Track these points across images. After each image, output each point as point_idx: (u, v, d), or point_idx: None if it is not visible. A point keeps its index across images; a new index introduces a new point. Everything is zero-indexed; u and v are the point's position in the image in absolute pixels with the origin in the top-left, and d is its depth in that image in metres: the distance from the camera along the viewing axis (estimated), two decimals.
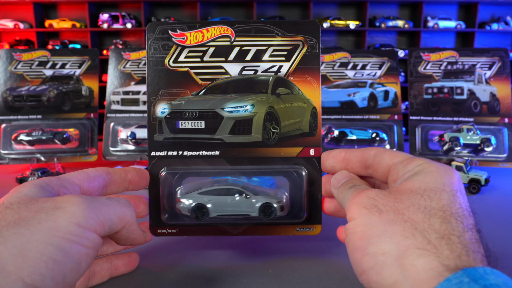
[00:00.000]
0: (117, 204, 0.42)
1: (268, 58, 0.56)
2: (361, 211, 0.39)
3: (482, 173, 0.98)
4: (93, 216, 0.37)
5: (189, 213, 0.54)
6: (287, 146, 0.56)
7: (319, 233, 0.56)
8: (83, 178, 0.46)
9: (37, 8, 4.27)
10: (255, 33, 0.56)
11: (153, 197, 0.55)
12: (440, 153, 1.10)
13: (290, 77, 0.56)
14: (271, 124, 0.56)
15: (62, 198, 0.38)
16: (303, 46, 0.56)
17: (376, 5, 4.39)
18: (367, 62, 1.21)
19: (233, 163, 0.55)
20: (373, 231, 0.37)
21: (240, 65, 0.56)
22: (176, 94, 0.56)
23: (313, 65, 0.56)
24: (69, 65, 1.18)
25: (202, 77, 0.56)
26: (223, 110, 0.56)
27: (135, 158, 1.12)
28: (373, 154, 0.48)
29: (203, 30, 0.56)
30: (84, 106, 1.16)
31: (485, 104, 1.11)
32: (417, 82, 1.16)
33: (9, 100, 1.12)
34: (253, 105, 0.57)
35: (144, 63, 1.20)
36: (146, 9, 4.27)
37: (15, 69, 1.14)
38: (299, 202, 0.56)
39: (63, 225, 0.35)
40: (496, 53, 1.13)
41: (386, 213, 0.37)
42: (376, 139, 1.12)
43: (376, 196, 0.40)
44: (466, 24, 4.34)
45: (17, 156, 1.09)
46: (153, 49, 0.56)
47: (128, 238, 0.45)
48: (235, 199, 0.54)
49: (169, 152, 0.55)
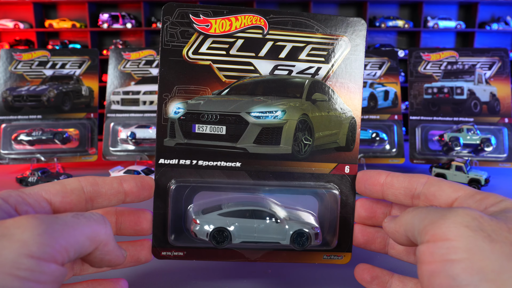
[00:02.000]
0: (86, 221, 0.34)
1: (305, 58, 0.49)
2: (462, 232, 0.30)
3: (482, 173, 0.98)
4: (51, 242, 0.30)
5: (208, 238, 0.46)
6: (319, 161, 0.48)
7: (348, 262, 0.49)
8: (56, 191, 0.39)
9: (37, 8, 4.27)
10: (293, 26, 0.48)
11: (159, 214, 0.47)
12: (440, 153, 1.10)
13: (328, 82, 0.49)
14: (304, 135, 0.49)
15: (13, 221, 0.30)
16: (346, 46, 0.48)
17: (376, 5, 4.39)
18: (367, 62, 1.21)
19: (256, 177, 0.48)
20: (485, 263, 0.28)
21: (273, 63, 0.49)
22: (194, 92, 0.48)
23: (355, 69, 0.49)
24: (69, 65, 1.18)
25: (227, 74, 0.48)
26: (249, 114, 0.49)
27: (135, 158, 1.12)
28: (424, 182, 0.41)
29: (232, 18, 0.48)
30: (84, 106, 1.16)
31: (485, 104, 1.11)
32: (417, 82, 1.16)
33: (9, 100, 1.12)
34: (284, 111, 0.49)
35: (144, 63, 1.20)
36: (146, 9, 4.27)
37: (15, 69, 1.14)
38: (329, 226, 0.49)
39: (10, 258, 0.28)
40: (496, 53, 1.13)
41: (500, 244, 0.29)
42: (376, 139, 1.11)
43: (481, 217, 0.31)
44: (466, 24, 4.34)
45: (17, 156, 1.09)
46: (169, 36, 0.47)
47: (103, 260, 0.37)
48: (263, 223, 0.47)
49: (181, 160, 0.48)
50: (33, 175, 1.01)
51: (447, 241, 0.30)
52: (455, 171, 0.99)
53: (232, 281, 0.50)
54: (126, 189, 0.44)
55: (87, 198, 0.41)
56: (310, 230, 0.47)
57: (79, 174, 1.12)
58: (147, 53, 1.21)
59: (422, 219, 0.34)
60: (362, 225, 0.48)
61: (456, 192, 0.39)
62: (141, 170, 0.98)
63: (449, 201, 0.39)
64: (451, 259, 0.29)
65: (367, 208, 0.47)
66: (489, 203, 0.35)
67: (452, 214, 0.32)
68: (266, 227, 0.47)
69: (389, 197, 0.44)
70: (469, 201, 0.37)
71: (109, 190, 0.43)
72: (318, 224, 0.49)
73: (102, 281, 0.43)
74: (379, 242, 0.47)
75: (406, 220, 0.37)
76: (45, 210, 0.38)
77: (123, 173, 0.99)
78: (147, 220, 0.47)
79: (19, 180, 1.02)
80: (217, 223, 0.46)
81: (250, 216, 0.47)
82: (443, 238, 0.30)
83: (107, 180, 0.43)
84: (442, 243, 0.30)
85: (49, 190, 0.39)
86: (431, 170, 1.04)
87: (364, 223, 0.48)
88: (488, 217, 0.31)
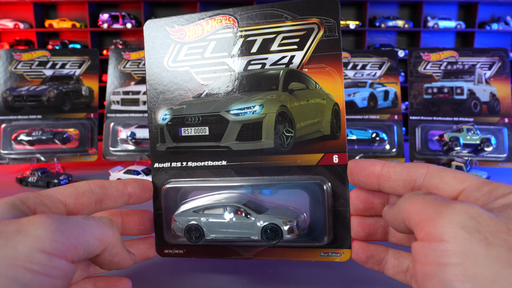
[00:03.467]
0: (96, 223, 0.36)
1: (277, 48, 0.48)
2: (457, 233, 0.28)
3: (482, 173, 0.98)
4: (62, 239, 0.32)
5: (182, 234, 0.48)
6: (304, 152, 0.47)
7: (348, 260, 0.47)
8: (70, 194, 0.41)
9: (37, 8, 4.27)
10: (261, 19, 0.48)
11: (158, 214, 0.50)
12: (440, 153, 1.10)
13: (304, 69, 0.47)
14: (284, 127, 0.48)
15: (28, 219, 0.32)
16: (319, 29, 0.46)
17: (376, 5, 4.39)
18: (367, 62, 1.21)
19: (242, 174, 0.49)
20: (479, 269, 0.27)
21: (246, 59, 0.49)
22: (178, 98, 0.50)
23: (333, 51, 0.46)
24: (69, 65, 1.18)
25: (204, 76, 0.50)
26: (228, 113, 0.49)
27: (135, 158, 1.12)
28: (425, 173, 0.38)
29: (203, 23, 0.49)
30: (84, 106, 1.16)
31: (485, 104, 1.11)
32: (417, 82, 1.16)
33: (9, 100, 1.12)
34: (262, 105, 0.49)
35: (144, 63, 1.20)
36: (146, 9, 4.27)
37: (15, 69, 1.14)
38: (322, 221, 0.47)
39: (24, 252, 0.30)
40: (496, 53, 1.13)
41: (496, 248, 0.27)
42: (376, 139, 1.12)
43: (479, 216, 0.29)
44: (466, 24, 4.34)
45: (17, 156, 1.09)
46: (152, 49, 0.51)
47: (112, 262, 0.39)
48: (233, 219, 0.47)
49: (173, 163, 0.50)
50: (33, 175, 1.01)
51: (442, 242, 0.29)
52: None
53: (231, 280, 0.50)
54: (130, 191, 0.47)
55: (96, 200, 0.44)
56: (281, 224, 0.45)
57: (79, 174, 1.12)
58: None
59: (419, 211, 0.32)
60: (360, 217, 0.45)
61: (461, 184, 0.35)
62: (141, 170, 0.98)
63: (453, 194, 0.36)
64: (444, 263, 0.28)
65: (363, 199, 0.45)
66: (498, 195, 0.33)
67: (449, 211, 0.30)
68: (236, 222, 0.47)
69: (386, 189, 0.41)
70: (476, 194, 0.34)
71: (115, 192, 0.45)
72: (305, 218, 0.47)
73: (105, 278, 0.44)
74: (380, 232, 0.45)
75: (403, 207, 0.35)
76: (61, 211, 0.40)
77: (123, 173, 0.99)
78: (150, 220, 0.50)
79: (19, 180, 1.02)
80: (191, 219, 0.48)
81: (221, 212, 0.47)
82: (438, 238, 0.29)
83: (113, 183, 0.46)
84: (436, 244, 0.29)
85: (63, 193, 0.41)
86: None
87: (362, 214, 0.45)
88: (488, 216, 0.29)
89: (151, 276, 0.52)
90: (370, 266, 0.44)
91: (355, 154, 1.12)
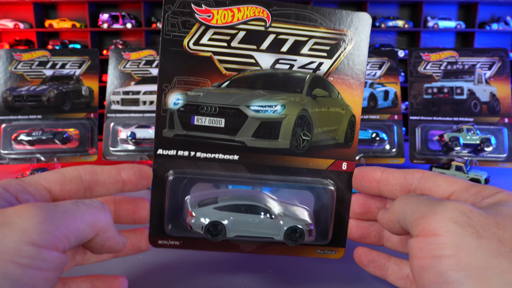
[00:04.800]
0: (87, 208, 0.35)
1: (307, 52, 0.48)
2: (450, 227, 0.30)
3: (482, 173, 0.98)
4: (52, 229, 0.30)
5: (203, 231, 0.47)
6: (317, 156, 0.48)
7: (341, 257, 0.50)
8: (56, 180, 0.39)
9: (37, 8, 4.27)
10: (296, 20, 0.47)
11: (156, 203, 0.48)
12: (440, 153, 1.10)
13: (330, 77, 0.48)
14: (302, 130, 0.49)
15: (14, 209, 0.30)
16: (350, 42, 0.48)
17: (376, 5, 4.39)
18: (367, 62, 1.21)
19: (253, 171, 0.48)
20: (472, 259, 0.29)
21: (274, 56, 0.48)
22: (194, 83, 0.48)
23: (358, 66, 0.48)
24: (69, 65, 1.18)
25: (227, 66, 0.48)
26: (249, 108, 0.48)
27: (135, 158, 1.12)
28: (420, 177, 0.42)
29: (234, 9, 0.47)
30: (84, 106, 1.16)
31: (485, 104, 1.11)
32: (417, 82, 1.16)
33: (9, 100, 1.12)
34: (284, 105, 0.48)
35: (144, 63, 1.21)
36: (146, 9, 4.27)
37: (15, 69, 1.14)
38: (324, 221, 0.49)
39: (12, 246, 0.28)
40: (496, 53, 1.13)
41: (487, 240, 0.29)
42: (376, 139, 1.12)
43: (470, 212, 0.31)
44: (466, 24, 4.34)
45: (17, 156, 1.09)
46: (170, 26, 0.46)
47: (104, 246, 0.38)
48: (258, 219, 0.47)
49: (179, 151, 0.48)
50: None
51: (436, 236, 0.31)
52: (455, 171, 0.99)
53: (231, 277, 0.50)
54: (124, 178, 0.44)
55: (85, 187, 0.41)
56: (304, 227, 0.47)
57: None
58: (147, 53, 1.21)
59: (413, 210, 0.34)
60: (356, 220, 0.48)
61: (451, 186, 0.39)
62: None
63: (445, 195, 0.39)
64: (439, 255, 0.30)
65: (361, 203, 0.48)
66: (485, 195, 0.36)
67: (442, 208, 0.32)
68: (260, 222, 0.47)
69: (385, 193, 0.44)
70: (465, 195, 0.37)
71: (107, 179, 0.43)
72: (313, 220, 0.49)
73: (102, 276, 0.44)
74: (374, 235, 0.48)
75: (398, 208, 0.38)
76: (45, 198, 0.38)
77: None
78: (145, 209, 0.47)
79: None
80: (213, 216, 0.46)
81: (245, 211, 0.47)
82: (432, 233, 0.31)
83: (106, 169, 0.43)
84: (431, 238, 0.31)
85: (49, 179, 0.39)
86: (431, 170, 1.04)
87: (359, 218, 0.48)
88: (477, 212, 0.32)
89: (148, 275, 0.52)
90: (371, 270, 0.47)
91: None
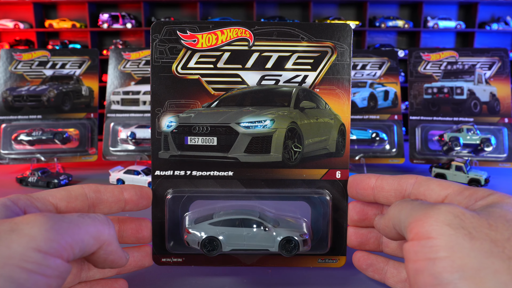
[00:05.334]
0: (91, 221, 0.36)
1: (291, 67, 0.49)
2: (444, 230, 0.31)
3: (482, 173, 0.98)
4: (57, 238, 0.32)
5: (199, 247, 0.48)
6: (310, 167, 0.49)
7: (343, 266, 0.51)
8: (62, 197, 0.41)
9: (37, 8, 4.27)
10: (278, 36, 0.49)
11: (157, 222, 0.49)
12: (440, 153, 1.10)
13: (316, 89, 0.50)
14: (293, 142, 0.50)
15: (22, 218, 0.32)
16: (332, 53, 0.49)
17: (376, 5, 4.38)
18: (367, 62, 1.21)
19: (248, 186, 0.49)
20: (465, 260, 0.29)
21: (260, 73, 0.49)
22: (185, 105, 0.49)
23: (343, 75, 0.49)
24: (69, 65, 1.18)
25: (215, 87, 0.50)
26: (239, 125, 0.50)
27: (135, 158, 1.12)
28: (413, 182, 0.42)
29: (217, 32, 0.49)
30: (84, 106, 1.16)
31: (485, 104, 1.11)
32: (417, 82, 1.16)
33: (9, 100, 1.12)
34: (273, 120, 0.50)
35: (144, 63, 1.21)
36: (146, 9, 4.27)
37: (15, 69, 1.14)
38: (322, 231, 0.50)
39: (18, 251, 0.29)
40: (496, 53, 1.13)
41: (479, 241, 0.30)
42: (376, 139, 1.12)
43: (463, 215, 0.32)
44: (466, 24, 4.34)
45: (17, 156, 1.09)
46: (159, 53, 0.49)
47: (107, 260, 0.39)
48: (252, 232, 0.48)
49: (176, 171, 0.49)
50: (33, 175, 1.01)
51: (430, 239, 0.31)
52: (455, 171, 0.99)
53: (231, 277, 0.50)
54: (126, 197, 0.45)
55: (90, 204, 0.43)
56: (298, 237, 0.47)
57: (79, 174, 1.12)
58: (147, 53, 1.21)
59: (407, 215, 0.35)
60: (355, 227, 0.49)
61: (445, 190, 0.39)
62: (141, 170, 0.98)
63: (439, 199, 0.39)
64: (433, 258, 0.30)
65: (358, 211, 0.48)
66: (478, 197, 0.36)
67: (435, 212, 0.32)
68: (254, 235, 0.48)
69: (380, 200, 0.45)
70: (458, 198, 0.38)
71: (110, 197, 0.44)
72: (310, 230, 0.50)
73: (101, 281, 0.45)
74: (373, 242, 0.49)
75: (393, 214, 0.38)
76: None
77: (123, 173, 0.99)
78: (147, 228, 0.49)
79: (19, 180, 1.02)
80: (208, 232, 0.48)
81: (239, 225, 0.48)
82: (426, 236, 0.31)
83: (109, 188, 0.45)
84: (425, 241, 0.31)
85: (55, 195, 0.41)
86: (431, 170, 1.04)
87: (357, 225, 0.48)
88: (469, 214, 0.32)
89: (149, 276, 0.52)
90: (370, 274, 0.47)
91: (355, 154, 1.12)
